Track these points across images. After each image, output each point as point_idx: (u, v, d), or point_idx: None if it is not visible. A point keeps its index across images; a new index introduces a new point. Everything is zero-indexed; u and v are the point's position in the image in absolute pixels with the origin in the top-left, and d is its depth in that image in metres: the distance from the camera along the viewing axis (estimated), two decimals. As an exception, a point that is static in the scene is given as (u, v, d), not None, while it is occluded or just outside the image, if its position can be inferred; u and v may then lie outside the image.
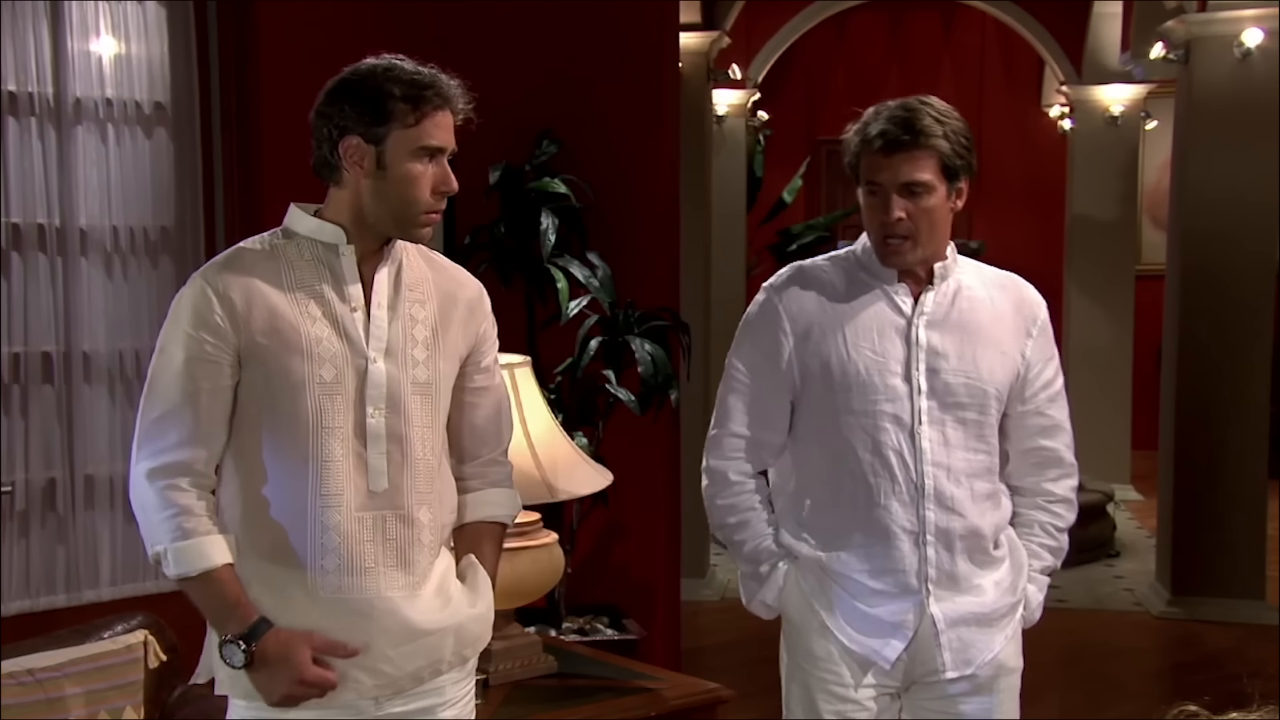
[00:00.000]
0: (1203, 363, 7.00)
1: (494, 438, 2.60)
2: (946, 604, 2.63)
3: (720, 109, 8.95)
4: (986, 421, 2.67)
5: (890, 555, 2.63)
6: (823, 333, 2.66)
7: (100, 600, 4.28)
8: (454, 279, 2.53)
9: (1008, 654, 2.71)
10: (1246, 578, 6.96)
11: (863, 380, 2.62)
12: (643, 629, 4.92)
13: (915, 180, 2.56)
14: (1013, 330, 2.69)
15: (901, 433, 2.62)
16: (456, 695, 2.50)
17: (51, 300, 4.24)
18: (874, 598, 2.64)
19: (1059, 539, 2.78)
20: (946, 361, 2.63)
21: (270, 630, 2.31)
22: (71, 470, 4.29)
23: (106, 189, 4.31)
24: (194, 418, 2.32)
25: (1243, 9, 6.83)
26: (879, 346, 2.63)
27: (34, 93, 4.17)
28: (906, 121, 2.56)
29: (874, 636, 2.64)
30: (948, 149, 2.57)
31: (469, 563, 2.54)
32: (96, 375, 4.33)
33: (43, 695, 2.94)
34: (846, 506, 2.65)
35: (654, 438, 5.09)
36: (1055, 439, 2.76)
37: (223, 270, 2.36)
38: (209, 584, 2.31)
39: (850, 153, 2.63)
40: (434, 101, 2.33)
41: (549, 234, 4.78)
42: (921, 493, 2.62)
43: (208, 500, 2.35)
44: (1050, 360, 2.75)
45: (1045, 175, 11.38)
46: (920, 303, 2.65)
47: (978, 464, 2.66)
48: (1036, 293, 2.78)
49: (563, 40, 5.10)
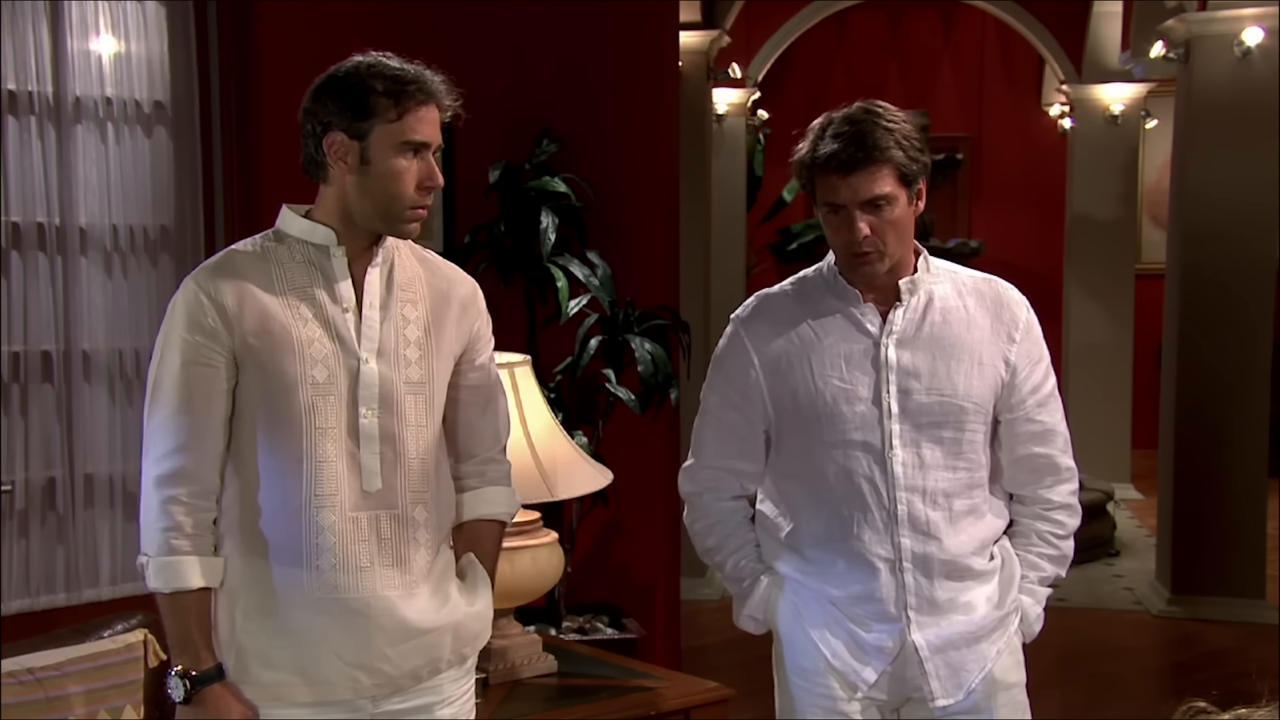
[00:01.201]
0: (1203, 362, 7.00)
1: (491, 436, 2.60)
2: (929, 630, 2.58)
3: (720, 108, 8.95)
4: (965, 438, 2.59)
5: (869, 585, 2.58)
6: (790, 364, 2.62)
7: (100, 599, 4.27)
8: (447, 277, 2.53)
9: (1002, 669, 2.63)
10: (1247, 577, 6.96)
11: (830, 411, 2.58)
12: (642, 628, 4.92)
13: (876, 195, 2.50)
14: (992, 338, 2.61)
15: (873, 459, 2.57)
16: (455, 694, 2.51)
17: (51, 299, 4.23)
18: (856, 620, 2.61)
19: (1060, 546, 2.71)
20: (919, 380, 2.57)
21: (218, 684, 2.35)
22: (71, 469, 4.29)
23: (106, 188, 4.31)
24: (191, 422, 2.33)
25: (1243, 8, 6.82)
26: (847, 374, 2.58)
27: (34, 91, 4.17)
28: (857, 138, 2.49)
29: (855, 658, 2.61)
30: (902, 158, 2.50)
31: (468, 561, 2.55)
32: (96, 374, 4.32)
33: (42, 694, 2.93)
34: (824, 537, 2.62)
35: (654, 437, 5.09)
36: (1048, 445, 2.68)
37: (214, 273, 2.37)
38: (176, 605, 2.35)
39: (803, 173, 2.56)
40: (416, 96, 2.32)
41: (549, 233, 4.78)
42: (895, 519, 2.57)
43: (205, 517, 2.36)
44: (1038, 363, 2.65)
45: (1045, 174, 11.38)
46: (889, 321, 2.59)
47: (957, 482, 2.60)
48: (1018, 294, 2.69)
49: (562, 39, 5.10)
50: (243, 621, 2.37)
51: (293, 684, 2.37)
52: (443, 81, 2.38)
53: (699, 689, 3.43)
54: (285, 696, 2.38)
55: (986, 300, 2.65)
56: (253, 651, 2.37)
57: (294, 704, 2.38)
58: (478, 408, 2.56)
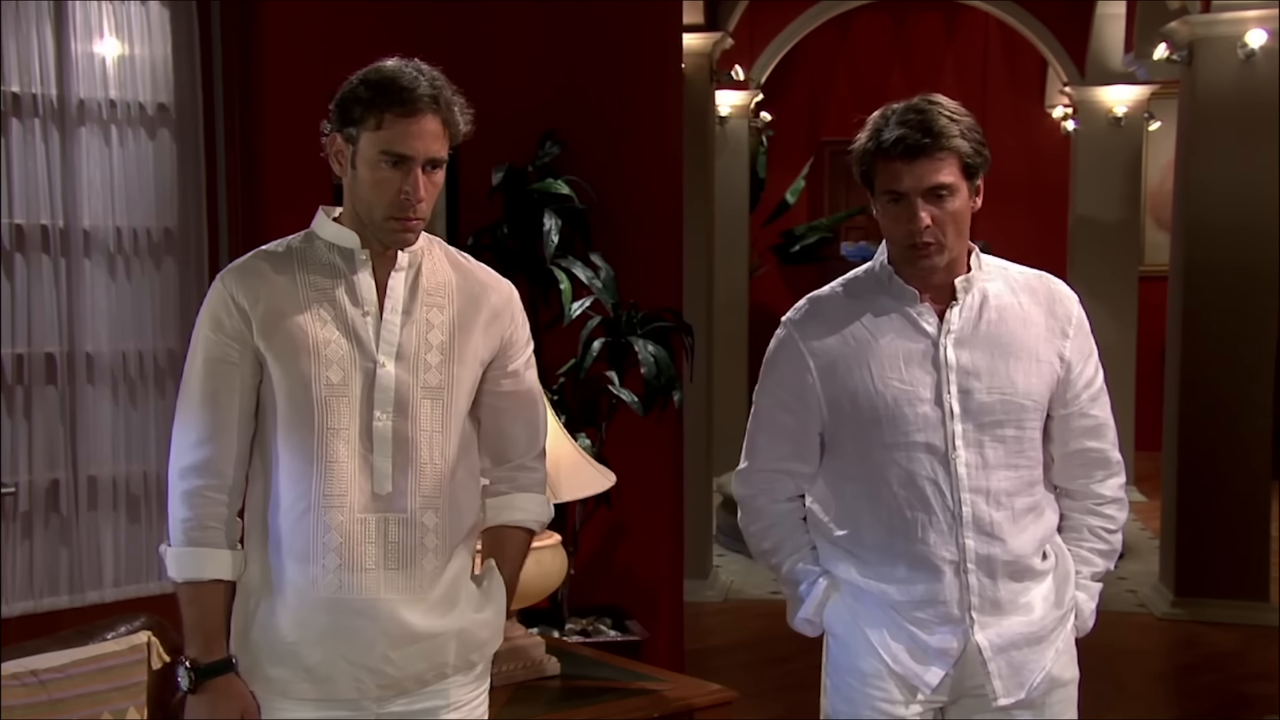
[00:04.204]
0: (1207, 364, 7.00)
1: (524, 443, 2.60)
2: (992, 630, 2.57)
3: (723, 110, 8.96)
4: (1026, 436, 2.58)
5: (933, 586, 2.56)
6: (848, 366, 2.58)
7: (103, 601, 4.28)
8: (480, 282, 2.52)
9: (1060, 666, 2.63)
10: (1250, 579, 6.96)
11: (893, 413, 2.55)
12: (646, 630, 4.91)
13: (940, 184, 2.47)
14: (1047, 334, 2.60)
15: (936, 461, 2.54)
16: (462, 699, 2.50)
17: (55, 301, 4.23)
18: (918, 623, 2.58)
19: (1111, 541, 2.70)
20: (979, 380, 2.54)
21: (223, 676, 2.38)
22: (75, 471, 4.29)
23: (110, 190, 4.31)
24: (213, 417, 2.37)
25: (1246, 10, 6.83)
26: (907, 375, 2.55)
27: (38, 94, 4.17)
28: (923, 124, 2.47)
29: (917, 661, 2.58)
30: (967, 148, 2.49)
31: (488, 567, 2.56)
32: (100, 376, 4.32)
33: (46, 696, 2.93)
34: (886, 539, 2.59)
35: (657, 439, 5.08)
36: (1101, 439, 2.69)
37: (239, 273, 2.41)
38: (189, 595, 2.39)
39: (863, 161, 2.53)
40: (397, 108, 2.30)
41: (552, 235, 4.78)
42: (960, 521, 2.54)
43: (223, 510, 2.39)
44: (1090, 357, 2.65)
45: (1049, 176, 11.38)
46: (946, 320, 2.56)
47: (1019, 480, 2.59)
48: (1069, 289, 2.68)
49: (565, 41, 5.10)
50: (255, 615, 2.40)
51: (298, 681, 2.39)
52: (451, 93, 2.36)
53: (702, 691, 3.44)
54: (291, 693, 2.40)
55: (1040, 296, 2.64)
56: (262, 646, 2.39)
57: (299, 700, 2.39)
58: (510, 414, 2.56)
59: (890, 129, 2.48)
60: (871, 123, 2.54)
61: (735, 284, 8.89)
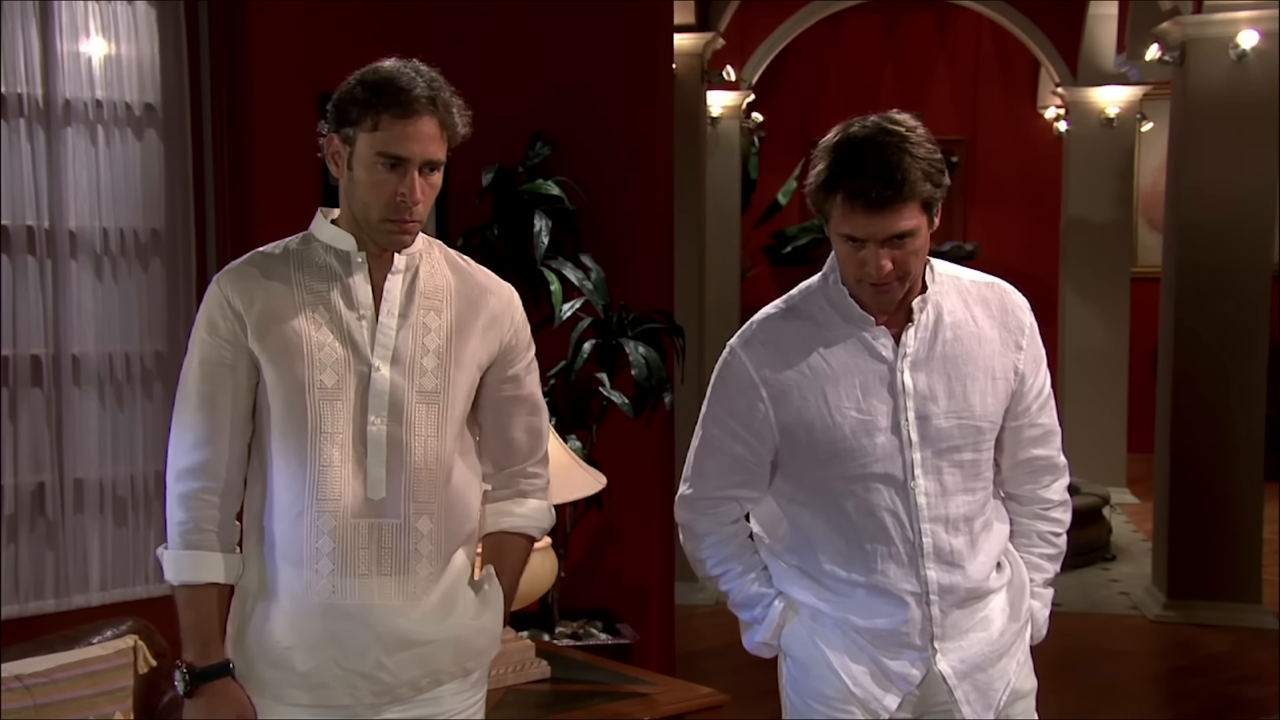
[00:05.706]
0: (1199, 365, 6.99)
1: (524, 449, 2.57)
2: (954, 656, 2.53)
3: (714, 110, 8.94)
4: (983, 458, 2.54)
5: (895, 618, 2.51)
6: (803, 396, 2.48)
7: (90, 605, 4.26)
8: (480, 286, 2.49)
9: (1020, 678, 2.61)
10: (1243, 581, 6.95)
11: (850, 445, 2.47)
12: (636, 633, 4.90)
13: (902, 231, 2.35)
14: (1001, 349, 2.53)
15: (894, 491, 2.48)
16: (457, 706, 2.48)
17: (41, 303, 4.22)
18: (880, 647, 2.54)
19: (1059, 544, 2.68)
20: (937, 404, 2.47)
21: (219, 680, 2.36)
22: (61, 474, 4.27)
23: (96, 191, 4.29)
24: (209, 419, 2.36)
25: (1238, 11, 6.83)
26: (864, 404, 2.46)
27: (23, 94, 4.15)
28: (884, 172, 2.30)
29: (878, 684, 2.55)
30: (929, 190, 2.35)
31: (487, 574, 2.54)
32: (86, 378, 4.30)
33: (31, 701, 2.92)
34: (843, 567, 2.54)
35: (648, 441, 5.07)
36: (1049, 445, 2.64)
37: (234, 274, 2.40)
38: (185, 598, 2.37)
39: (817, 201, 2.40)
40: (394, 110, 2.28)
41: (542, 236, 4.76)
42: (920, 551, 2.49)
43: (219, 513, 2.38)
44: (1040, 364, 2.59)
45: (1040, 177, 11.38)
46: (902, 344, 2.48)
47: (975, 504, 2.54)
48: (1020, 297, 2.62)
49: (556, 41, 5.08)
50: (250, 619, 2.38)
51: (293, 685, 2.37)
52: (449, 95, 2.34)
53: (693, 695, 3.43)
54: (286, 697, 2.38)
55: (992, 308, 2.56)
56: (257, 650, 2.38)
57: (294, 705, 2.38)
58: (510, 420, 2.54)
59: (847, 173, 2.34)
60: (826, 153, 2.39)
61: (727, 285, 8.87)
